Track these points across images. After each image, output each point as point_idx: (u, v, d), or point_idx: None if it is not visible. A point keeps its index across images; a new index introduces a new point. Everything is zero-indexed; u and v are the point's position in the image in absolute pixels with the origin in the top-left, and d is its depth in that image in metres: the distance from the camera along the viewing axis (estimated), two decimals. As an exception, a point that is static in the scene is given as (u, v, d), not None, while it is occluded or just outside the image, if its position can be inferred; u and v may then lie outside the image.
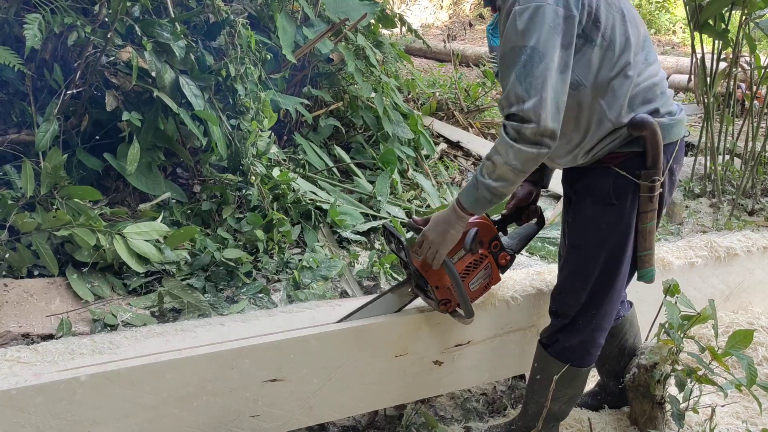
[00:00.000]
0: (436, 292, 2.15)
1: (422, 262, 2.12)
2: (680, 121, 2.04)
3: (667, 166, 2.01)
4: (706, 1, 4.48)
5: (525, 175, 1.90)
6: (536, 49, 1.78)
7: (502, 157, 1.87)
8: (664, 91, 2.02)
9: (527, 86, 1.79)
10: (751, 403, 2.51)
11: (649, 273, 2.13)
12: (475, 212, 1.99)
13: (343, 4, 4.76)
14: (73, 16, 3.15)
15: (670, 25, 13.51)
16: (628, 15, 1.95)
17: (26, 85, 3.32)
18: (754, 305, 3.22)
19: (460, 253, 2.13)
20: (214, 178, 3.71)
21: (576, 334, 2.15)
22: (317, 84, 4.97)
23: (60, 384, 1.85)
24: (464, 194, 1.98)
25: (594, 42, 1.87)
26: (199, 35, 3.66)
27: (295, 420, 2.19)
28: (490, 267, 2.21)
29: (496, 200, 1.94)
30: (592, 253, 2.08)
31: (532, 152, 1.83)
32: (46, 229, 2.94)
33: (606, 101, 1.92)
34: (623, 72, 1.91)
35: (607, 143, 1.97)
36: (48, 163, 3.01)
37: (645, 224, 2.03)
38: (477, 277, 2.19)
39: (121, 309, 2.83)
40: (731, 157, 5.05)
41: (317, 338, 2.17)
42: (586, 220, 2.08)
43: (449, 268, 2.07)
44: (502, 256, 2.22)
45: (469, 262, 2.16)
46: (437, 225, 2.03)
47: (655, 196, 2.00)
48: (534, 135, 1.81)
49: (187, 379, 2.00)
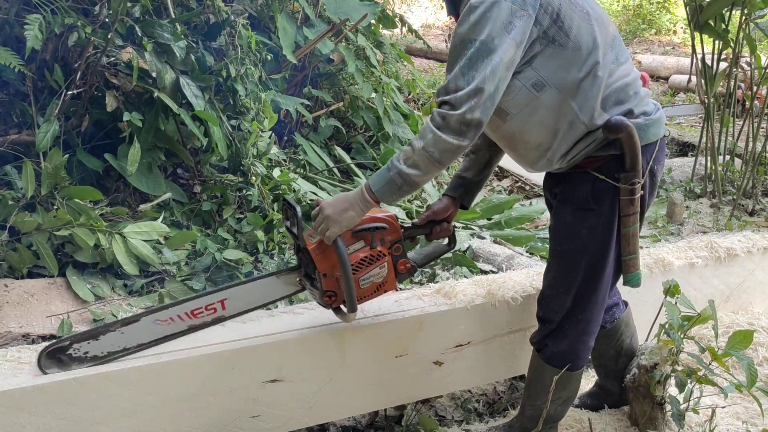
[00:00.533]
0: (323, 281, 2.01)
1: (315, 245, 1.99)
2: (657, 120, 2.01)
3: (646, 167, 1.99)
4: (707, 2, 4.48)
5: (441, 168, 1.85)
6: (485, 43, 1.76)
7: (421, 142, 1.83)
8: (638, 91, 1.99)
9: (469, 78, 1.77)
10: (752, 404, 2.51)
11: (635, 277, 2.11)
12: (381, 198, 1.90)
13: (343, 5, 4.76)
14: (74, 17, 3.15)
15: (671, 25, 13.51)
16: (594, 14, 1.91)
17: (27, 85, 3.33)
18: (755, 306, 3.22)
19: (357, 245, 2.01)
20: (215, 178, 3.72)
21: (564, 339, 2.13)
22: (318, 84, 4.97)
23: (60, 384, 1.85)
24: (375, 176, 1.91)
25: (558, 43, 1.84)
26: (199, 36, 3.66)
27: (296, 420, 2.19)
28: (386, 268, 2.07)
29: (406, 189, 1.88)
30: (574, 259, 2.06)
31: (452, 143, 1.80)
32: (46, 230, 2.95)
33: (577, 103, 1.88)
34: (592, 72, 1.87)
35: (582, 147, 1.94)
36: (48, 163, 3.01)
37: (627, 228, 2.01)
38: (369, 275, 2.05)
39: (122, 309, 2.83)
40: (732, 157, 5.05)
41: (318, 339, 2.17)
42: (567, 226, 2.06)
43: (339, 251, 1.94)
44: (402, 262, 2.10)
45: (365, 256, 2.02)
46: (338, 201, 1.95)
47: (635, 198, 1.97)
48: (459, 123, 1.78)
49: (187, 379, 2.00)
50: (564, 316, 2.11)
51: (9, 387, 1.81)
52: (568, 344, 2.14)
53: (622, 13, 13.98)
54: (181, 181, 3.78)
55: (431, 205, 2.24)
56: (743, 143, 4.94)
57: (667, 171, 5.18)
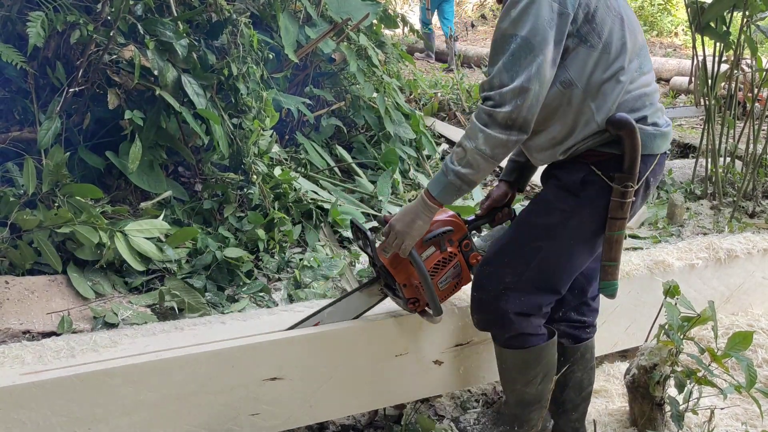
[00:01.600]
0: (404, 291, 2.11)
1: (390, 259, 2.07)
2: (664, 134, 2.00)
3: (644, 176, 1.97)
4: (708, 4, 4.48)
5: (495, 163, 1.87)
6: (527, 39, 1.77)
7: (472, 142, 1.84)
8: (654, 103, 1.99)
9: (513, 74, 1.77)
10: (751, 405, 2.51)
11: (611, 286, 2.06)
12: (443, 201, 1.94)
13: (345, 4, 4.77)
14: (76, 15, 3.15)
15: (672, 27, 13.51)
16: (627, 21, 1.93)
17: (29, 82, 3.33)
18: (755, 307, 3.22)
19: (429, 251, 2.09)
20: (216, 176, 3.72)
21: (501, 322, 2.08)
22: (319, 83, 4.97)
23: (60, 381, 1.85)
24: (433, 182, 1.94)
25: (589, 43, 1.85)
26: (201, 34, 3.66)
27: (295, 418, 2.19)
28: (460, 266, 2.15)
29: (465, 188, 1.90)
30: (532, 234, 2.03)
31: (501, 138, 1.81)
32: (47, 227, 2.95)
33: (596, 104, 1.89)
34: (616, 77, 1.89)
35: (588, 142, 1.94)
36: (50, 160, 3.02)
37: (613, 232, 1.97)
38: (446, 276, 2.14)
39: (122, 307, 2.84)
40: (732, 159, 5.05)
41: (318, 337, 2.17)
42: (543, 201, 2.05)
43: (416, 262, 2.03)
44: (473, 256, 2.16)
45: (438, 260, 2.11)
46: (404, 215, 1.99)
47: (626, 203, 1.94)
48: (506, 120, 1.79)
49: (187, 377, 2.00)
50: (502, 295, 2.04)
51: (9, 383, 1.81)
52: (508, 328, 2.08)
53: (624, 15, 13.98)
54: (182, 180, 3.78)
55: (490, 193, 2.28)
56: (744, 145, 4.94)
57: (668, 172, 5.18)
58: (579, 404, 2.31)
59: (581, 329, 2.28)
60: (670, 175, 5.17)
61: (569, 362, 2.25)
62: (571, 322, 2.27)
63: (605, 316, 2.76)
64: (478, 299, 2.11)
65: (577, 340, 2.28)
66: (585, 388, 2.31)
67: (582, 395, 2.31)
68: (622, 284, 2.75)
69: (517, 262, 2.03)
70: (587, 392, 2.33)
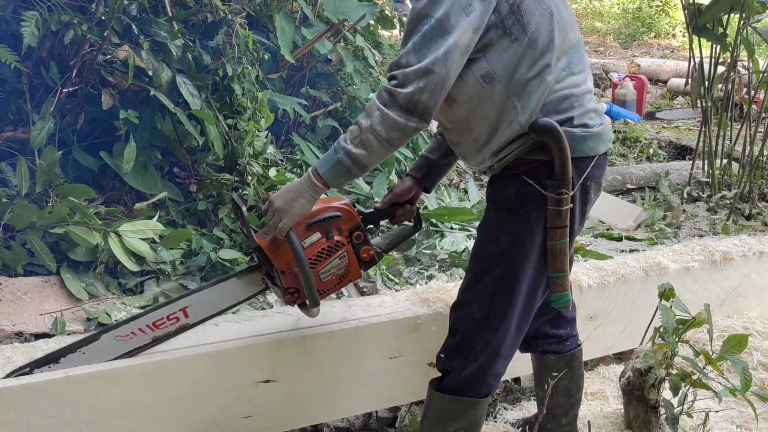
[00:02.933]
0: (283, 279, 1.95)
1: (269, 242, 1.92)
2: (596, 135, 1.87)
3: (579, 180, 1.86)
4: (705, 5, 4.49)
5: (389, 148, 1.76)
6: (441, 21, 1.67)
7: (367, 120, 1.73)
8: (583, 104, 1.86)
9: (420, 56, 1.68)
10: (746, 408, 2.51)
11: (561, 298, 1.94)
12: (329, 182, 1.81)
13: (342, 5, 4.75)
14: (71, 14, 3.14)
15: (670, 28, 13.52)
16: (558, 16, 1.81)
17: (23, 82, 3.32)
18: (750, 310, 3.22)
19: (313, 237, 1.94)
20: (211, 177, 3.71)
21: (473, 361, 1.93)
22: (315, 84, 4.96)
23: (51, 383, 1.84)
24: (322, 160, 1.81)
25: (513, 36, 1.75)
26: (196, 34, 3.66)
27: (289, 421, 2.18)
28: (347, 258, 1.99)
29: (356, 171, 1.78)
30: (488, 265, 1.91)
31: (399, 121, 1.70)
32: (41, 227, 2.94)
33: (521, 103, 1.79)
34: (541, 75, 1.78)
35: (514, 148, 1.83)
36: (43, 160, 3.01)
37: (555, 242, 1.86)
38: (329, 267, 1.97)
39: (116, 308, 2.83)
40: (729, 161, 5.05)
41: (312, 339, 2.16)
42: (488, 228, 1.94)
43: (293, 244, 1.86)
44: (364, 250, 2.01)
45: (322, 248, 1.95)
46: (286, 192, 1.86)
47: (563, 210, 1.83)
48: (406, 102, 1.69)
49: (180, 379, 1.99)
50: (474, 332, 1.93)
51: (0, 385, 1.80)
52: (477, 367, 1.94)
53: (622, 17, 14.00)
54: (177, 180, 3.77)
55: (392, 187, 2.15)
56: (740, 147, 4.95)
57: (665, 174, 5.18)
58: (569, 409, 2.29)
59: (561, 343, 2.22)
60: (667, 176, 5.17)
61: (554, 371, 2.19)
62: (548, 338, 2.20)
63: (601, 318, 2.76)
64: (452, 343, 1.98)
65: (560, 352, 2.22)
66: (574, 395, 2.28)
67: (571, 401, 2.28)
68: (618, 286, 2.77)
69: (483, 296, 1.92)
70: (576, 398, 2.29)
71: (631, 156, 6.06)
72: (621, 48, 12.59)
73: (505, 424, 2.47)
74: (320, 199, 1.91)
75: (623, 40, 13.08)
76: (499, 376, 1.99)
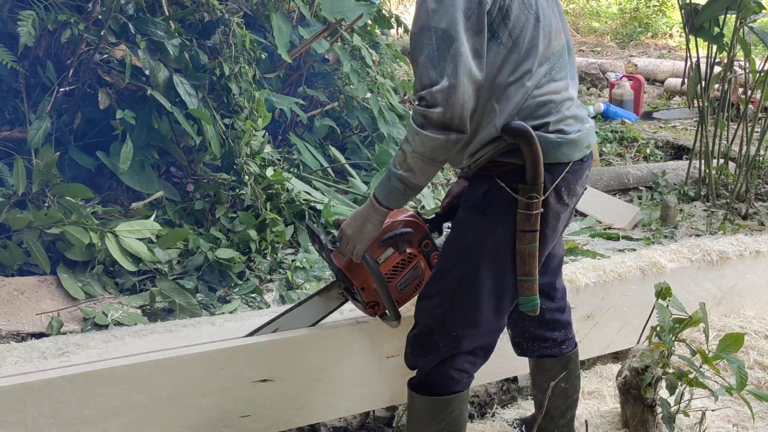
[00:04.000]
0: (363, 294, 2.03)
1: (346, 263, 2.00)
2: (572, 142, 1.86)
3: (551, 186, 1.84)
4: (702, 6, 4.49)
5: (437, 165, 1.78)
6: (447, 31, 1.68)
7: (410, 145, 1.75)
8: (561, 111, 1.85)
9: (440, 70, 1.68)
10: (742, 407, 2.51)
11: (529, 302, 1.92)
12: (390, 205, 1.85)
13: (339, 4, 4.76)
14: (67, 14, 3.14)
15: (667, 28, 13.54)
16: (544, 22, 1.82)
17: (19, 82, 3.32)
18: (746, 309, 3.22)
19: (386, 253, 2.01)
20: (208, 177, 3.71)
21: (435, 357, 1.94)
22: (313, 84, 4.96)
23: (49, 383, 1.84)
24: (379, 187, 1.85)
25: (499, 39, 1.75)
26: (193, 34, 3.65)
27: (286, 420, 2.18)
28: (420, 267, 2.07)
29: (411, 192, 1.82)
30: (451, 261, 1.93)
31: (439, 139, 1.72)
32: (37, 227, 2.93)
33: (500, 106, 1.79)
34: (522, 80, 1.78)
35: (489, 149, 1.83)
36: (40, 160, 3.00)
37: (524, 245, 1.85)
38: (405, 278, 2.05)
39: (113, 308, 2.82)
40: (726, 161, 5.06)
41: (309, 338, 2.16)
42: (456, 225, 1.96)
43: (370, 265, 1.95)
44: (434, 255, 2.07)
45: (397, 262, 2.02)
46: (355, 219, 1.91)
47: (533, 214, 1.82)
48: (440, 121, 1.70)
49: (177, 378, 1.99)
50: (434, 327, 1.93)
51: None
52: (440, 363, 1.94)
53: (619, 16, 14.01)
54: (174, 180, 3.77)
55: (450, 190, 2.19)
56: (737, 147, 4.96)
57: (662, 174, 5.19)
58: (565, 411, 2.28)
59: (556, 346, 2.21)
60: (663, 176, 5.18)
61: (551, 374, 2.19)
62: (544, 341, 2.19)
63: (598, 317, 2.76)
64: (412, 335, 2.01)
65: (557, 355, 2.22)
66: (570, 396, 2.27)
67: (568, 402, 2.28)
68: (615, 285, 2.78)
69: (445, 291, 1.92)
70: (573, 399, 2.29)
71: (628, 156, 6.08)
72: (618, 48, 12.61)
73: (502, 423, 2.47)
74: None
75: (620, 39, 13.09)
76: (465, 371, 1.98)
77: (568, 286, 2.67)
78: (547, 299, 2.14)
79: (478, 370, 2.04)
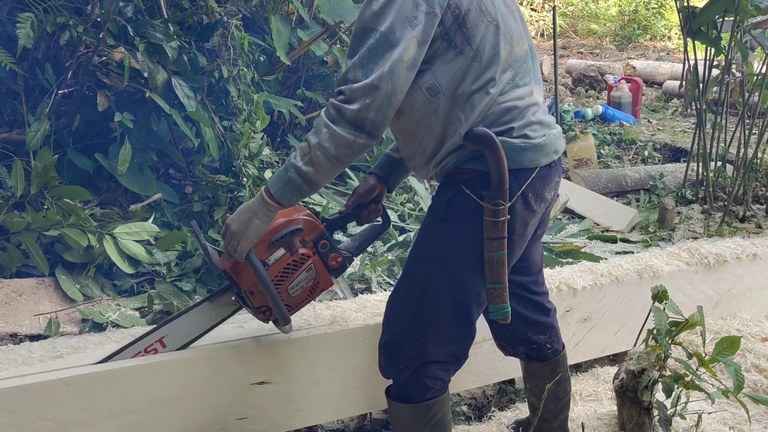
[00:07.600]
0: (252, 299, 1.92)
1: (233, 264, 1.89)
2: (538, 147, 1.83)
3: (518, 192, 1.81)
4: (699, 8, 4.50)
5: (340, 166, 1.72)
6: (386, 35, 1.65)
7: (316, 137, 1.69)
8: (526, 116, 1.82)
9: (368, 70, 1.65)
10: (739, 410, 2.52)
11: (499, 310, 1.88)
12: (282, 200, 1.76)
13: (338, 6, 4.76)
14: (66, 16, 3.15)
15: (666, 31, 13.57)
16: (504, 29, 1.79)
17: (18, 84, 3.32)
18: (743, 312, 3.23)
19: (277, 253, 1.90)
20: (206, 179, 3.71)
21: (406, 366, 1.91)
22: (311, 86, 4.97)
23: (46, 385, 1.84)
24: (274, 178, 1.77)
25: (458, 49, 1.73)
26: (192, 36, 3.66)
27: (283, 422, 2.18)
28: (314, 269, 1.96)
29: (306, 189, 1.74)
30: (414, 269, 1.90)
31: (348, 138, 1.67)
32: (35, 229, 2.94)
33: (465, 114, 1.77)
34: (485, 88, 1.76)
35: (453, 157, 1.81)
36: (39, 162, 3.01)
37: (492, 253, 1.81)
38: (297, 281, 1.94)
39: (111, 310, 2.83)
40: (723, 163, 5.07)
41: (306, 341, 2.17)
42: (420, 232, 1.94)
43: (254, 265, 1.82)
44: (332, 257, 1.98)
45: (288, 263, 1.91)
46: (240, 213, 1.81)
47: (500, 221, 1.78)
48: (354, 118, 1.65)
49: (174, 380, 1.99)
50: (402, 334, 1.90)
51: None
52: (412, 371, 1.91)
53: (618, 18, 14.03)
54: (173, 182, 3.77)
55: (356, 189, 2.12)
56: (735, 149, 4.96)
57: (659, 176, 5.20)
58: (558, 413, 2.29)
59: (542, 349, 2.20)
60: (661, 178, 5.18)
61: (540, 377, 2.19)
62: (530, 343, 2.18)
63: (595, 320, 2.77)
64: (382, 342, 1.97)
65: (545, 359, 2.22)
66: (562, 399, 2.27)
67: (560, 405, 2.27)
68: (612, 288, 2.78)
69: (409, 298, 1.90)
70: (564, 401, 2.29)
71: (626, 158, 6.08)
72: (617, 50, 12.63)
73: (500, 425, 2.48)
74: (281, 212, 1.87)
75: (619, 42, 13.11)
76: (439, 378, 1.95)
77: (566, 288, 2.69)
78: (530, 303, 2.13)
79: (454, 375, 2.01)
